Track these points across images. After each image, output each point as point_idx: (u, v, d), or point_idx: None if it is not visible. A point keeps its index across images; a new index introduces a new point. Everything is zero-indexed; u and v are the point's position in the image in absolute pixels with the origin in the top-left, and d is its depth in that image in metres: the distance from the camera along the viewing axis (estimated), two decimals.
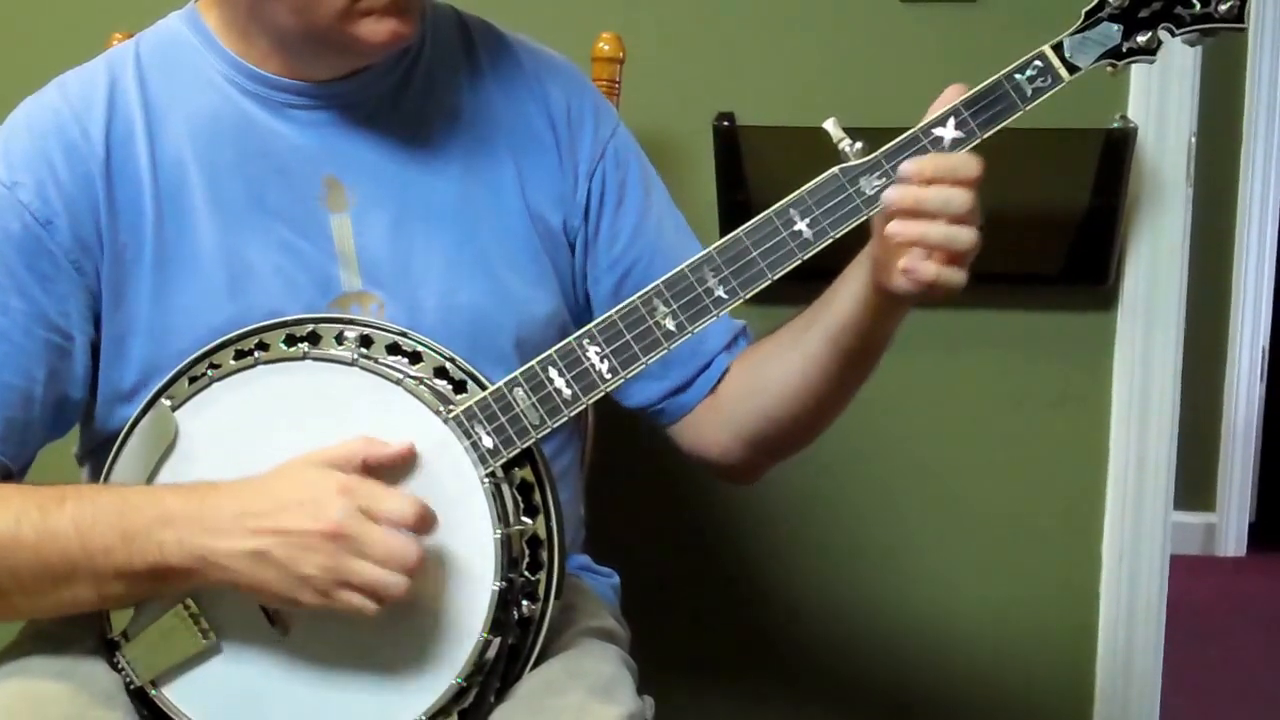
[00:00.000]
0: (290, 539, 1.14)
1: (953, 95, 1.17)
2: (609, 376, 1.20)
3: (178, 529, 1.16)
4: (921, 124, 1.18)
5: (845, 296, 1.25)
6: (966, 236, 1.14)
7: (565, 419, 1.21)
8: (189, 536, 1.16)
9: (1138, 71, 1.79)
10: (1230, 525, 3.55)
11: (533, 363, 1.21)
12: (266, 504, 1.15)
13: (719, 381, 1.38)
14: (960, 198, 1.14)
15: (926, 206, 1.14)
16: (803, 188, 1.19)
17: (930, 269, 1.14)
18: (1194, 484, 3.42)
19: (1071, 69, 1.17)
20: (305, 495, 1.15)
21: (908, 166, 1.15)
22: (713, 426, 1.38)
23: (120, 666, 1.26)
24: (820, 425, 1.36)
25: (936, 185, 1.14)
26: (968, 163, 1.15)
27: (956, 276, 1.15)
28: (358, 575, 1.14)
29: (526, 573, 1.22)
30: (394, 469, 1.19)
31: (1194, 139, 1.83)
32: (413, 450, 1.19)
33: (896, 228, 1.14)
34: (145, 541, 1.16)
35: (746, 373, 1.37)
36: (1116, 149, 1.78)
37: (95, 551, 1.17)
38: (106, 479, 1.26)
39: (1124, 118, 1.80)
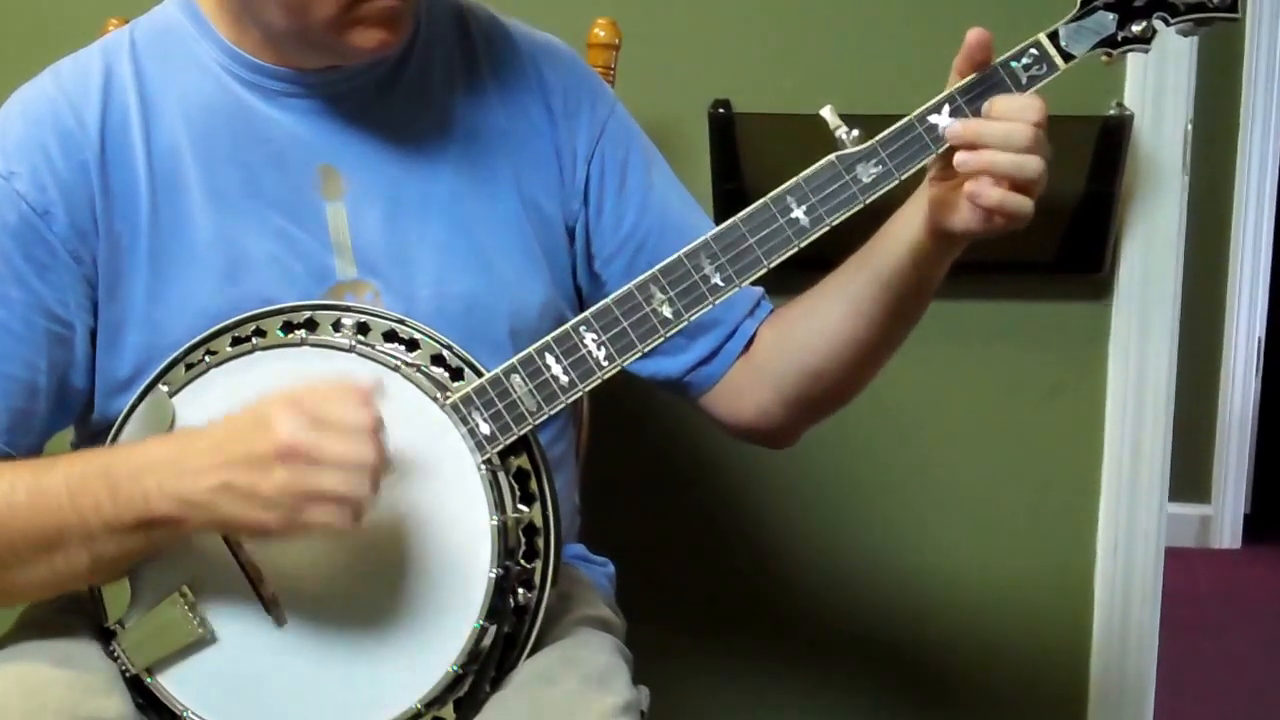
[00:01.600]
0: (247, 465, 1.12)
1: (974, 42, 1.17)
2: (605, 364, 1.21)
3: (159, 474, 1.15)
4: (917, 111, 1.18)
5: (897, 242, 1.25)
6: (1033, 164, 1.15)
7: (562, 406, 1.21)
8: (168, 481, 1.14)
9: (1134, 58, 1.77)
10: (1225, 517, 3.55)
11: (530, 349, 1.21)
12: (224, 436, 1.14)
13: (747, 348, 1.38)
14: (1021, 132, 1.15)
15: (985, 139, 1.15)
16: (799, 175, 1.19)
17: (995, 193, 1.15)
18: (1189, 476, 3.42)
19: (1067, 57, 1.18)
20: (255, 417, 1.13)
21: (986, 106, 1.17)
22: (751, 389, 1.37)
23: (116, 655, 1.26)
24: (864, 377, 1.35)
25: (1000, 121, 1.15)
26: (1033, 104, 1.16)
27: (1023, 203, 1.16)
28: (320, 486, 1.11)
29: (523, 561, 1.22)
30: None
31: (1190, 127, 1.83)
32: (381, 385, 1.16)
33: (964, 157, 1.16)
34: (131, 490, 1.15)
35: (782, 330, 1.36)
36: (1112, 136, 1.78)
37: (84, 507, 1.16)
38: None
39: (1120, 105, 1.80)
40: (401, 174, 1.31)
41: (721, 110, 1.81)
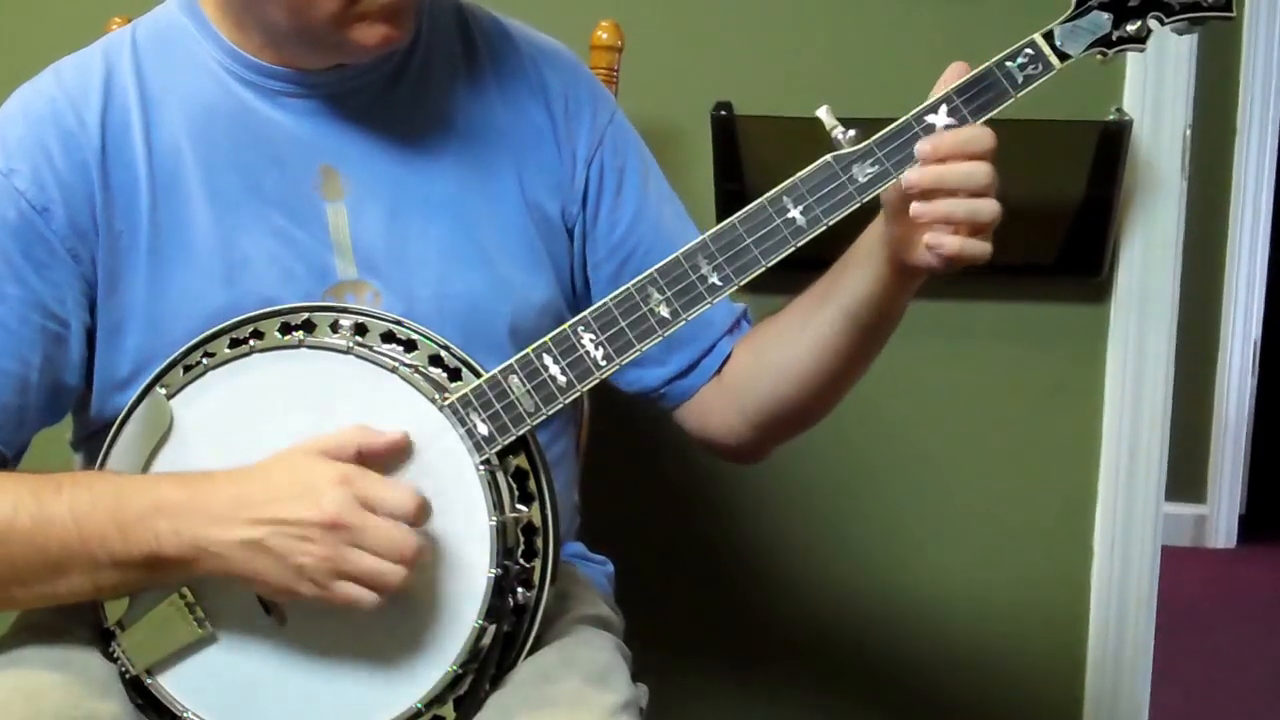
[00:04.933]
0: (287, 529, 1.13)
1: (953, 75, 1.18)
2: (603, 364, 1.21)
3: (174, 518, 1.15)
4: (914, 111, 1.18)
5: (861, 275, 1.25)
6: (988, 208, 1.15)
7: (560, 406, 1.21)
8: (185, 526, 1.15)
9: (1133, 64, 1.79)
10: (1221, 517, 3.56)
11: (528, 350, 1.21)
12: (263, 493, 1.15)
13: (723, 365, 1.38)
14: (980, 170, 1.15)
15: (947, 182, 1.15)
16: (796, 175, 1.19)
17: (954, 242, 1.15)
18: (1185, 476, 3.43)
19: (1062, 57, 1.18)
20: (302, 484, 1.14)
21: (922, 146, 1.15)
22: (720, 409, 1.38)
23: (115, 656, 1.25)
24: (831, 403, 1.36)
25: (953, 161, 1.15)
26: (981, 135, 1.16)
27: (981, 247, 1.17)
28: (355, 566, 1.13)
29: (521, 560, 1.22)
30: (389, 457, 1.19)
31: (1189, 131, 1.84)
32: (407, 439, 1.19)
33: (920, 208, 1.15)
34: (141, 530, 1.16)
35: (753, 354, 1.37)
36: (1112, 141, 1.79)
37: (90, 540, 1.16)
38: (102, 468, 1.26)
39: (1120, 110, 1.80)
40: (403, 174, 1.31)
41: (723, 113, 1.81)
